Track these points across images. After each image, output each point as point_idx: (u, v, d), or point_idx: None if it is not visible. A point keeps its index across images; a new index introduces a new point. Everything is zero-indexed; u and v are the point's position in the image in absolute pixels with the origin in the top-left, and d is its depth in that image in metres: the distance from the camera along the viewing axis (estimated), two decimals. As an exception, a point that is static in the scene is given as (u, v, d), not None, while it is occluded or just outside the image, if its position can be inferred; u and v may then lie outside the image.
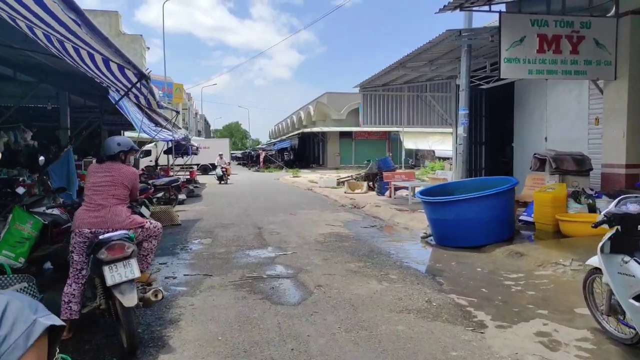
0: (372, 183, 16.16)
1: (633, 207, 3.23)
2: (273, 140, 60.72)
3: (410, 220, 9.56)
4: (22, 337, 0.83)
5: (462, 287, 5.03)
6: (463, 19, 9.91)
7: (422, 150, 36.39)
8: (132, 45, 26.68)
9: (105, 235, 3.46)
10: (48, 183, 7.53)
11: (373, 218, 10.55)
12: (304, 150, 46.41)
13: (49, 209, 5.22)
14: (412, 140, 34.51)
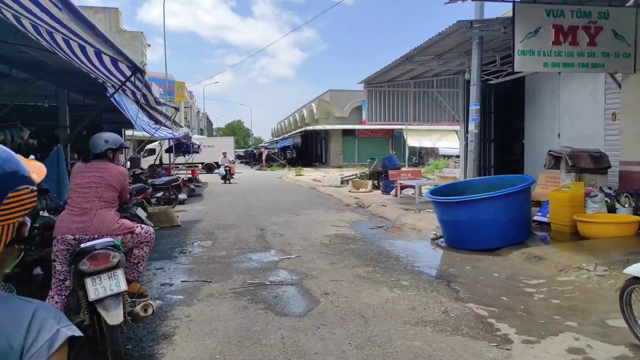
0: (377, 181, 15.77)
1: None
2: (275, 139, 60.34)
3: (419, 221, 9.18)
4: (45, 345, 0.88)
5: (480, 295, 4.66)
6: (473, 11, 9.52)
7: (425, 148, 35.98)
8: (132, 43, 26.44)
9: (88, 244, 3.09)
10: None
11: (379, 218, 10.17)
12: (307, 149, 46.00)
13: (41, 211, 4.89)
14: (415, 138, 34.12)
